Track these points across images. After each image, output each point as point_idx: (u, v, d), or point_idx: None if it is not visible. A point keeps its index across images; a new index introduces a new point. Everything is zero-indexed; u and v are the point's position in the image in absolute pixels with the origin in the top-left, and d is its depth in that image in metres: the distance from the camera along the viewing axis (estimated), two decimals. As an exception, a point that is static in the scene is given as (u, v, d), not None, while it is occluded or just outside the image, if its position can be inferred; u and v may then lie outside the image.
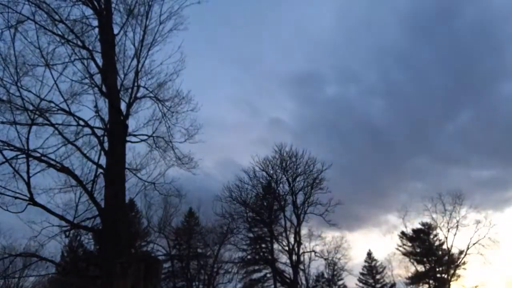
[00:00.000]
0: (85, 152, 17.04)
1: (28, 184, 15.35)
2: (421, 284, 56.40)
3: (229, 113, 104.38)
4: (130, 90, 18.05)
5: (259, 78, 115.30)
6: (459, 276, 53.09)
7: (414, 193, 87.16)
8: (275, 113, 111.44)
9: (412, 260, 56.36)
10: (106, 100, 17.42)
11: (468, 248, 51.04)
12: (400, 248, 57.08)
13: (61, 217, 16.06)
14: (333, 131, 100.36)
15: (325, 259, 48.38)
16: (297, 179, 45.84)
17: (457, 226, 51.57)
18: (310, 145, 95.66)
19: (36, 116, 15.92)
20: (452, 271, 52.68)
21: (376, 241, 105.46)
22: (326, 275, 52.14)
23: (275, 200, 46.45)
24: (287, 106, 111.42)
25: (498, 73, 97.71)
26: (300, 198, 45.54)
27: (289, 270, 44.62)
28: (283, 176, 46.12)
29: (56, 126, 16.32)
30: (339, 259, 49.04)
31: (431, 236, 56.18)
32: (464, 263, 52.21)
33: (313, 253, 47.23)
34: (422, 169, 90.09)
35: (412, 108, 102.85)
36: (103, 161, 17.02)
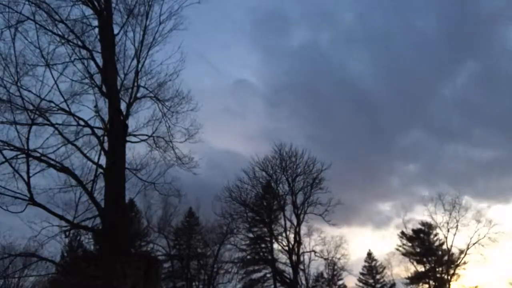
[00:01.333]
0: (85, 152, 17.08)
1: (28, 184, 15.36)
2: (421, 284, 56.37)
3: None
4: (130, 90, 18.07)
5: (212, 23, 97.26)
6: (459, 276, 53.11)
7: (407, 177, 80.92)
8: (239, 72, 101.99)
9: (412, 260, 56.34)
10: (106, 100, 17.42)
11: (468, 248, 51.06)
12: (400, 248, 57.08)
13: (61, 217, 16.06)
14: (308, 93, 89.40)
15: (325, 259, 48.37)
16: (297, 179, 45.87)
17: (457, 226, 51.60)
18: (283, 115, 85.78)
19: (36, 116, 15.93)
20: (452, 271, 52.66)
21: (369, 236, 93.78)
22: (326, 275, 52.12)
23: (275, 200, 46.43)
24: (250, 62, 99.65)
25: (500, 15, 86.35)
26: (300, 198, 45.58)
27: (289, 270, 44.63)
28: (283, 176, 46.15)
29: (56, 126, 16.34)
30: (339, 259, 49.02)
31: (431, 236, 56.16)
32: (464, 263, 52.21)
33: (313, 253, 47.21)
34: (416, 145, 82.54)
35: (400, 63, 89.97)
36: (103, 161, 17.06)
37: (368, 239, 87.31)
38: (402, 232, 57.11)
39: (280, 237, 46.03)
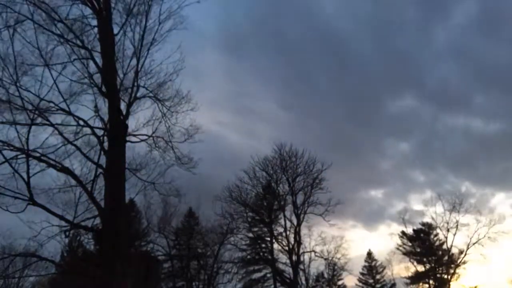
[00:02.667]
0: (85, 152, 17.04)
1: (28, 184, 15.35)
2: (421, 284, 56.38)
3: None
4: (129, 90, 18.02)
5: None
6: (459, 276, 53.09)
7: (399, 159, 72.84)
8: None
9: (412, 260, 56.32)
10: (106, 100, 17.38)
11: (468, 248, 51.06)
12: (400, 248, 57.05)
13: (61, 217, 16.06)
14: (275, 40, 76.10)
15: (325, 259, 48.34)
16: (297, 179, 45.91)
17: (457, 226, 51.58)
18: (247, 72, 73.27)
19: (36, 116, 15.92)
20: (452, 271, 52.65)
21: (361, 232, 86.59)
22: (326, 275, 52.08)
23: (275, 200, 46.43)
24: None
25: None
26: (300, 198, 45.61)
27: (289, 270, 44.65)
28: (283, 176, 46.17)
29: (56, 126, 16.31)
30: (339, 259, 48.99)
31: (431, 236, 56.14)
32: (464, 263, 52.20)
33: (313, 253, 47.19)
34: (408, 116, 73.60)
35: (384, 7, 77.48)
36: (103, 161, 17.02)
37: (359, 234, 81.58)
38: (403, 232, 57.15)
39: (280, 237, 46.08)
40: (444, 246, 53.75)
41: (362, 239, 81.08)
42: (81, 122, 16.99)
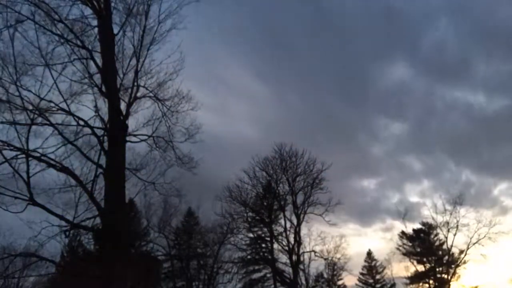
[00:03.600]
0: (85, 152, 17.05)
1: (28, 184, 15.36)
2: (421, 284, 56.36)
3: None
4: (129, 90, 18.03)
5: None
6: (459, 276, 53.08)
7: (393, 143, 67.52)
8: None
9: (412, 260, 56.30)
10: (106, 100, 17.40)
11: (468, 248, 51.02)
12: (400, 248, 57.03)
13: (61, 217, 16.07)
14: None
15: (325, 259, 48.32)
16: (297, 179, 45.87)
17: (457, 226, 51.55)
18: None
19: (36, 116, 15.92)
20: (452, 271, 52.63)
21: (354, 228, 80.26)
22: (326, 275, 52.08)
23: (275, 200, 46.41)
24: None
25: None
26: (300, 198, 45.58)
27: (289, 270, 44.61)
28: (283, 176, 46.13)
29: (56, 126, 16.31)
30: (339, 259, 48.99)
31: (431, 236, 56.12)
32: (464, 263, 52.18)
33: (313, 253, 47.17)
34: (401, 89, 65.57)
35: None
36: (103, 161, 17.03)
37: (353, 230, 76.34)
38: (403, 232, 57.14)
39: (280, 237, 46.07)
40: (444, 246, 53.80)
41: (357, 235, 74.46)
42: (81, 122, 16.99)
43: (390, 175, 77.57)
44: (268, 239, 46.92)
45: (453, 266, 52.52)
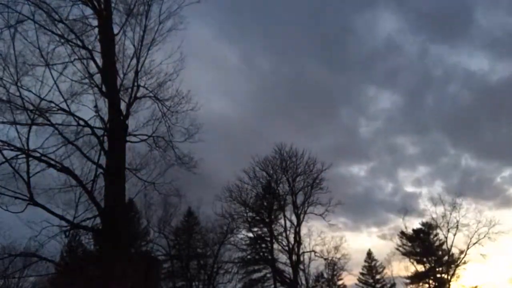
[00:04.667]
0: (85, 152, 17.04)
1: (28, 184, 15.36)
2: (421, 284, 56.37)
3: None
4: (130, 90, 18.03)
5: None
6: (459, 276, 53.08)
7: (382, 119, 58.01)
8: None
9: (412, 260, 56.33)
10: (106, 100, 17.41)
11: (468, 248, 51.03)
12: (400, 248, 57.05)
13: (61, 217, 16.08)
14: None
15: (325, 259, 48.35)
16: (297, 179, 45.96)
17: (457, 226, 51.56)
18: None
19: (36, 116, 15.92)
20: (452, 271, 52.64)
21: (346, 223, 72.57)
22: (326, 275, 52.10)
23: (275, 200, 46.44)
24: None
25: None
26: (300, 198, 45.64)
27: (289, 270, 44.65)
28: (283, 176, 46.19)
29: (56, 126, 16.31)
30: (339, 259, 49.02)
31: (431, 236, 56.13)
32: (464, 263, 52.19)
33: (313, 253, 47.21)
34: (390, 46, 54.62)
35: None
36: (103, 161, 17.04)
37: (345, 226, 67.37)
38: (402, 232, 57.15)
39: (280, 237, 46.11)
40: (444, 246, 53.81)
41: (349, 230, 66.86)
42: (82, 122, 17.00)
43: (382, 160, 71.41)
44: (268, 239, 46.96)
45: (453, 266, 52.53)
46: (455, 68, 56.52)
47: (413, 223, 56.85)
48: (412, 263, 56.23)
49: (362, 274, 60.22)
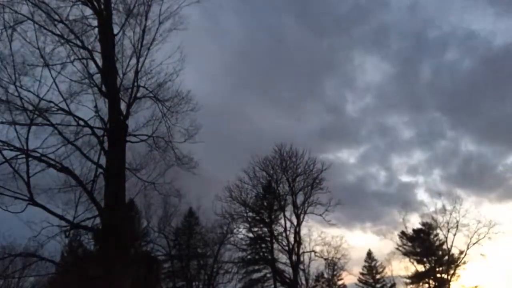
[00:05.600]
0: (85, 152, 17.06)
1: (28, 184, 15.36)
2: (421, 284, 56.35)
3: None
4: (130, 90, 18.04)
5: None
6: (459, 276, 53.07)
7: (373, 95, 53.41)
8: None
9: (412, 260, 56.31)
10: (106, 100, 17.41)
11: (468, 248, 51.01)
12: (400, 248, 57.04)
13: (61, 217, 16.08)
14: None
15: (325, 259, 48.33)
16: (297, 179, 45.88)
17: (457, 226, 51.54)
18: None
19: (36, 116, 15.93)
20: (452, 271, 52.63)
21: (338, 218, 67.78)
22: (326, 275, 52.08)
23: (275, 200, 46.41)
24: None
25: None
26: (300, 198, 45.59)
27: (289, 270, 44.60)
28: (283, 176, 46.14)
29: (56, 126, 16.32)
30: (339, 259, 49.00)
31: (431, 236, 56.12)
32: (464, 263, 52.18)
33: (313, 253, 47.18)
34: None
35: None
36: (103, 161, 17.05)
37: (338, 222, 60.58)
38: (402, 232, 57.16)
39: (280, 237, 46.05)
40: (444, 246, 53.80)
41: (341, 226, 60.03)
42: (81, 122, 17.01)
43: (373, 144, 65.64)
44: (268, 239, 46.91)
45: (453, 266, 52.51)
46: (453, 31, 47.27)
47: (412, 219, 56.74)
48: (412, 263, 56.24)
49: (362, 274, 60.23)
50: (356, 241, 72.81)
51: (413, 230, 56.59)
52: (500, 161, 62.45)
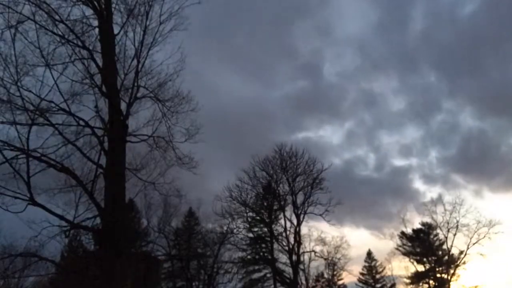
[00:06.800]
0: (85, 152, 17.08)
1: (28, 184, 15.38)
2: (421, 284, 56.36)
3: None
4: (130, 90, 18.06)
5: None
6: (459, 276, 53.07)
7: (354, 50, 49.47)
8: None
9: (412, 260, 56.32)
10: (106, 100, 17.43)
11: (468, 248, 51.00)
12: (400, 248, 57.05)
13: (61, 217, 16.11)
14: None
15: (325, 259, 48.36)
16: (297, 179, 45.88)
17: (457, 226, 51.53)
18: None
19: (36, 116, 15.95)
20: (452, 271, 52.64)
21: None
22: (326, 275, 52.11)
23: (275, 200, 46.43)
24: None
25: None
26: (300, 198, 45.61)
27: (289, 270, 44.63)
28: (283, 176, 46.14)
29: (56, 126, 16.35)
30: (339, 259, 49.03)
31: (431, 236, 56.13)
32: (464, 263, 52.18)
33: (313, 253, 47.23)
34: None
35: None
36: (103, 161, 17.07)
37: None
38: (402, 232, 57.19)
39: (280, 237, 46.08)
40: (444, 246, 53.81)
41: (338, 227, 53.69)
42: (82, 122, 17.03)
43: (358, 118, 56.38)
44: (268, 239, 46.93)
45: (453, 266, 52.52)
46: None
47: (411, 217, 56.49)
48: (412, 263, 56.26)
49: (362, 274, 60.26)
50: (350, 237, 65.99)
51: (413, 230, 56.63)
52: (503, 139, 54.69)
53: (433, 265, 55.01)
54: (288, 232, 45.22)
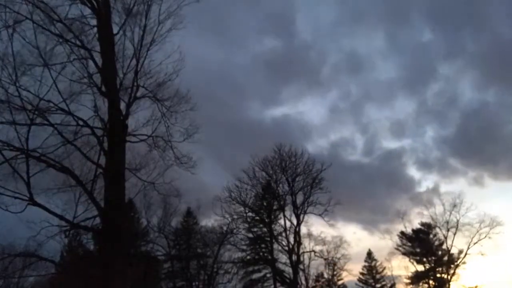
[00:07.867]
0: (84, 152, 17.03)
1: (27, 184, 15.36)
2: (421, 284, 56.36)
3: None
4: (129, 90, 18.02)
5: None
6: (459, 276, 53.06)
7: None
8: None
9: (412, 260, 56.31)
10: (106, 100, 17.39)
11: (468, 248, 50.97)
12: (400, 248, 57.05)
13: (61, 217, 16.09)
14: None
15: (325, 259, 48.38)
16: (297, 179, 45.98)
17: (457, 226, 51.49)
18: None
19: (35, 116, 15.91)
20: (452, 271, 52.62)
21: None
22: (326, 275, 52.12)
23: (275, 200, 46.45)
24: None
25: None
26: (299, 198, 45.66)
27: (289, 270, 44.67)
28: (283, 176, 46.21)
29: (55, 126, 16.31)
30: (339, 259, 49.04)
31: (431, 236, 56.13)
32: (464, 263, 52.16)
33: (313, 253, 47.25)
34: None
35: None
36: (102, 161, 17.03)
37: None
38: (402, 232, 57.19)
39: (280, 237, 46.13)
40: (444, 246, 53.80)
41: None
42: (81, 122, 16.99)
43: (342, 88, 50.81)
44: (268, 239, 46.95)
45: (452, 266, 52.50)
46: None
47: (411, 215, 56.46)
48: (412, 263, 56.26)
49: (362, 274, 60.25)
50: (343, 234, 66.36)
51: (413, 230, 56.64)
52: (509, 115, 50.14)
53: (433, 265, 55.00)
54: (288, 232, 45.33)
